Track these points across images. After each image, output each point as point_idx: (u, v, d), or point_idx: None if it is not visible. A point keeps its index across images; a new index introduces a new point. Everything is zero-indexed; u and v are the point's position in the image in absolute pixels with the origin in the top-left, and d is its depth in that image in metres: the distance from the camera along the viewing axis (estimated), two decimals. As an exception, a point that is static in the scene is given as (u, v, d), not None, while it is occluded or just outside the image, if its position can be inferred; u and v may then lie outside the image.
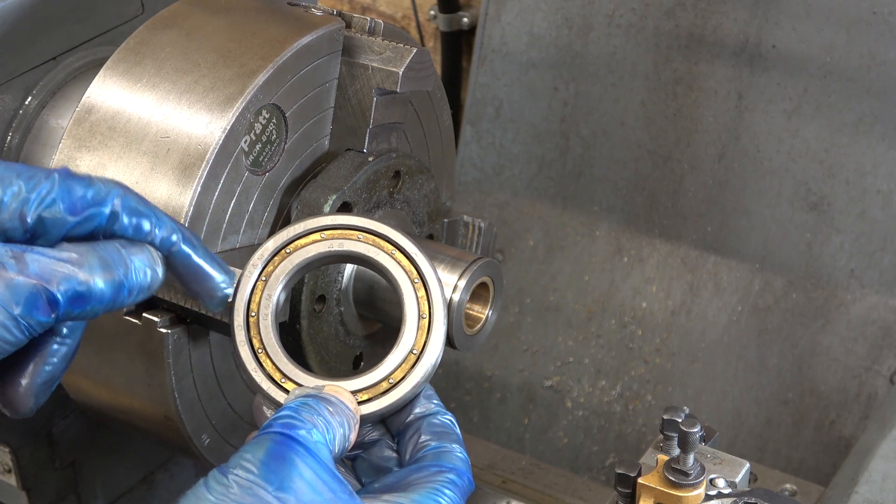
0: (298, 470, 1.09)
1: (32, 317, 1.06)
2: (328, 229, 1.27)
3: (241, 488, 1.07)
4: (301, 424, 1.12)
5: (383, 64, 1.50)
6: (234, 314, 1.24)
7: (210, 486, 1.07)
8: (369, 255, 1.26)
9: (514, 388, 2.48)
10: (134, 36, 1.50)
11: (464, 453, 1.21)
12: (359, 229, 1.27)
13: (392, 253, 1.27)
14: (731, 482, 1.37)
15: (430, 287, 1.26)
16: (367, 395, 1.22)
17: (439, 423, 1.23)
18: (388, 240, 1.27)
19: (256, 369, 1.22)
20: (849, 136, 2.22)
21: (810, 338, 2.28)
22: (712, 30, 2.29)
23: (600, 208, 2.46)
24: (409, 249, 1.27)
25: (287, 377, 1.22)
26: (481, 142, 2.54)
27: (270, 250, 1.26)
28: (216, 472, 1.09)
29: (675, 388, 2.37)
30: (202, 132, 1.39)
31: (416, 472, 1.18)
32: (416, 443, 1.22)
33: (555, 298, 2.48)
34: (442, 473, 1.18)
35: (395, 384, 1.23)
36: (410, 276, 1.26)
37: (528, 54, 2.47)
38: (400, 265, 1.26)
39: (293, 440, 1.11)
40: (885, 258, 2.23)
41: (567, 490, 2.07)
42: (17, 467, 1.74)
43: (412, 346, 1.24)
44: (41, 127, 1.66)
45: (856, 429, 2.22)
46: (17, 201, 1.07)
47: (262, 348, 1.23)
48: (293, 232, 1.27)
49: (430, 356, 1.24)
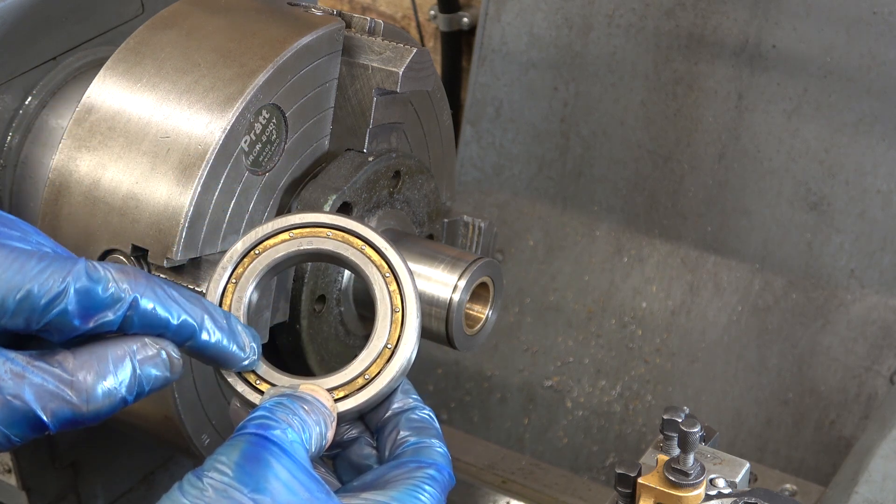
0: (274, 471, 1.08)
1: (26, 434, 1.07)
2: (297, 228, 1.26)
3: (216, 491, 1.06)
4: (276, 424, 1.11)
5: (383, 64, 1.50)
6: None
7: (185, 490, 1.06)
8: (339, 251, 1.25)
9: (514, 388, 2.48)
10: (134, 36, 1.50)
11: (443, 448, 1.20)
12: (327, 226, 1.26)
13: (362, 248, 1.25)
14: (731, 482, 1.37)
15: (401, 280, 1.25)
16: (343, 392, 1.21)
17: (418, 419, 1.22)
18: (357, 235, 1.26)
19: (230, 372, 1.21)
20: (849, 136, 2.22)
21: (810, 338, 2.28)
22: (712, 30, 2.29)
23: (600, 208, 2.46)
24: (378, 244, 1.26)
25: (261, 378, 1.21)
26: (481, 142, 2.54)
27: (239, 252, 1.25)
28: (191, 476, 1.07)
29: (675, 388, 2.37)
30: (202, 132, 1.39)
31: (396, 469, 1.17)
32: (395, 439, 1.21)
33: (555, 298, 2.48)
34: (421, 469, 1.16)
35: (370, 380, 1.21)
36: (381, 270, 1.25)
37: (528, 54, 2.47)
38: (370, 260, 1.25)
39: (268, 440, 1.09)
40: (885, 258, 2.23)
41: (567, 490, 2.07)
42: (17, 467, 1.74)
43: (386, 340, 1.23)
44: (41, 127, 1.66)
45: (856, 429, 2.22)
46: (26, 309, 1.06)
47: None
48: (262, 232, 1.25)
49: (404, 350, 1.22)
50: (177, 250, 1.38)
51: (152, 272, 1.40)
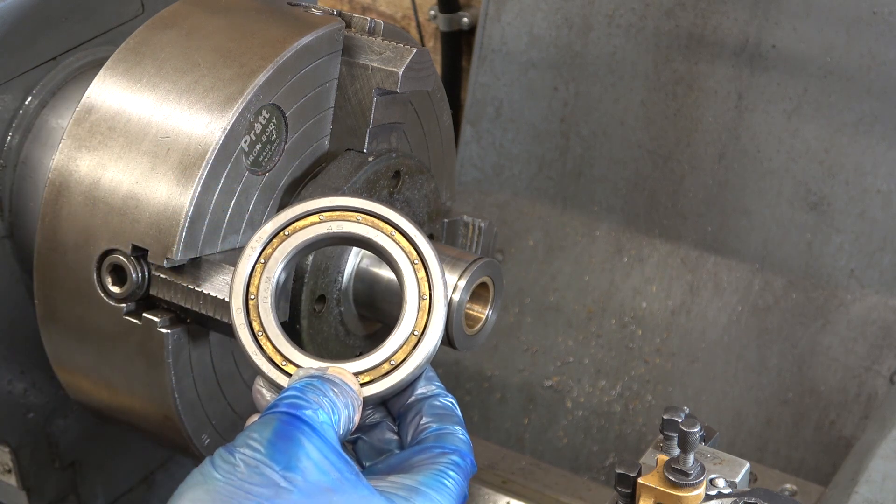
0: (305, 450, 1.09)
1: None
2: (327, 211, 1.26)
3: (248, 467, 1.07)
4: (307, 405, 1.12)
5: (383, 64, 1.50)
6: (233, 297, 1.23)
7: (217, 465, 1.07)
8: (368, 236, 1.26)
9: (514, 388, 2.48)
10: (134, 36, 1.50)
11: (465, 435, 1.21)
12: (358, 210, 1.26)
13: (391, 234, 1.26)
14: (731, 482, 1.37)
15: (430, 268, 1.25)
16: (368, 376, 1.21)
17: (441, 405, 1.23)
18: (388, 221, 1.26)
19: (257, 352, 1.21)
20: (849, 136, 2.22)
21: (810, 338, 2.28)
22: (712, 30, 2.29)
23: (600, 208, 2.46)
24: (409, 231, 1.26)
25: (288, 360, 1.21)
26: (481, 142, 2.54)
27: (269, 232, 1.25)
28: (222, 451, 1.08)
29: (675, 388, 2.37)
30: (202, 132, 1.39)
31: (420, 454, 1.18)
32: (418, 424, 1.21)
33: (555, 298, 2.48)
34: (445, 455, 1.17)
35: (396, 366, 1.22)
36: (410, 257, 1.25)
37: (528, 54, 2.47)
38: (399, 246, 1.25)
39: (300, 420, 1.10)
40: (885, 258, 2.23)
41: (567, 490, 2.07)
42: (17, 467, 1.74)
43: (413, 327, 1.23)
44: (41, 127, 1.66)
45: (856, 429, 2.22)
46: None
47: (262, 331, 1.22)
48: (291, 214, 1.26)
49: (431, 337, 1.23)
50: (177, 250, 1.38)
51: (152, 272, 1.41)
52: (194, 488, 1.07)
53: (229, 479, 1.06)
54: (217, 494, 1.05)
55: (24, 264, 1.67)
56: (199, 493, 1.06)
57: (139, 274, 1.40)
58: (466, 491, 1.17)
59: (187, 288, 1.39)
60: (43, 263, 1.46)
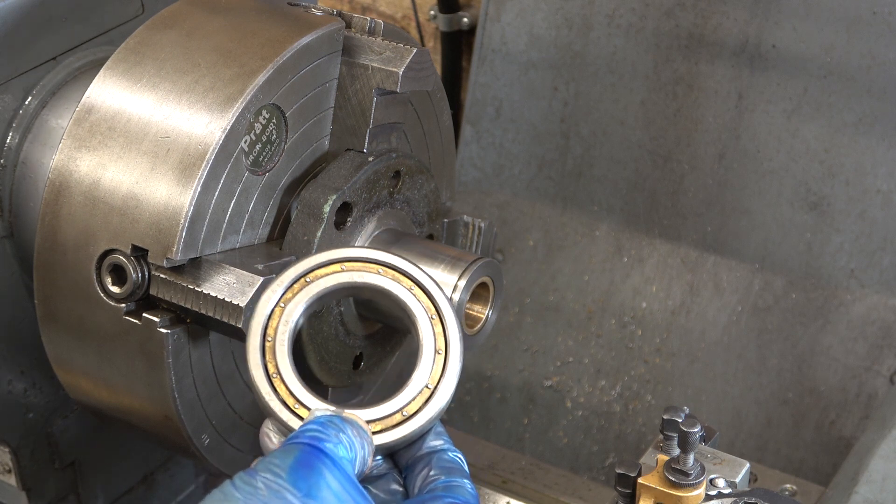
0: (326, 480, 1.10)
1: None
2: (350, 261, 1.29)
3: (270, 490, 1.08)
4: (328, 438, 1.14)
5: (383, 64, 1.50)
6: (251, 337, 1.25)
7: (238, 486, 1.08)
8: (389, 288, 1.28)
9: (514, 388, 2.48)
10: (134, 36, 1.50)
11: (474, 490, 1.22)
12: (379, 263, 1.29)
13: (411, 288, 1.28)
14: (731, 482, 1.37)
15: (447, 323, 1.27)
16: (379, 426, 1.23)
17: (449, 460, 1.24)
18: (408, 275, 1.29)
19: (270, 393, 1.22)
20: (849, 136, 2.22)
21: (810, 338, 2.28)
22: (712, 30, 2.29)
23: (600, 208, 2.46)
24: (428, 286, 1.29)
25: (301, 403, 1.23)
26: (481, 142, 2.54)
27: (291, 277, 1.27)
28: (243, 474, 1.10)
29: (675, 388, 2.37)
30: (202, 132, 1.39)
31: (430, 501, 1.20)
32: (427, 476, 1.23)
33: (555, 298, 2.48)
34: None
35: (408, 417, 1.24)
36: (428, 311, 1.28)
37: (528, 54, 2.47)
38: (418, 300, 1.28)
39: (321, 451, 1.12)
40: (885, 258, 2.23)
41: (567, 490, 2.07)
42: (17, 467, 1.74)
43: (427, 380, 1.25)
44: (41, 127, 1.66)
45: (856, 429, 2.22)
46: None
47: (276, 373, 1.23)
48: (314, 261, 1.28)
49: (444, 391, 1.25)
50: (177, 250, 1.38)
51: (152, 272, 1.41)
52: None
53: (250, 501, 1.07)
54: None
55: (24, 264, 1.67)
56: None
57: (139, 274, 1.40)
58: None
59: (187, 288, 1.39)
60: (43, 263, 1.46)
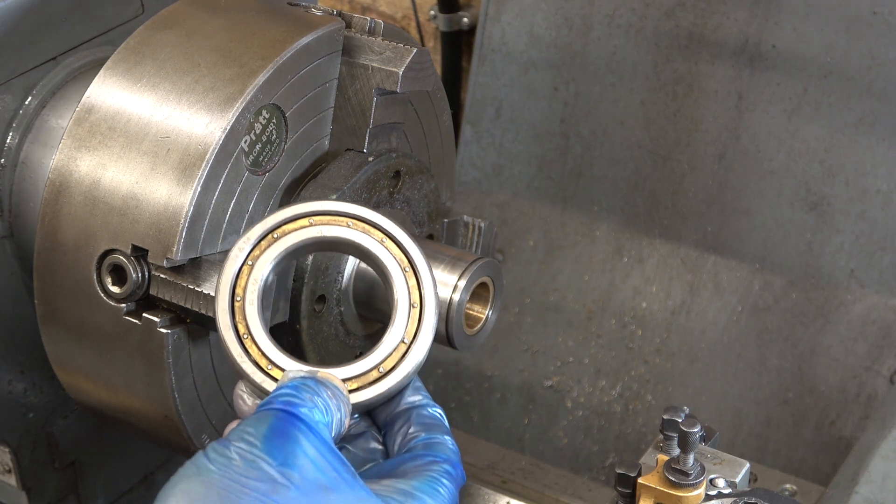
0: (302, 447, 1.07)
1: None
2: (317, 215, 1.24)
3: (245, 461, 1.05)
4: (302, 403, 1.11)
5: (383, 64, 1.50)
6: (219, 298, 1.20)
7: (211, 458, 1.06)
8: (359, 242, 1.24)
9: (514, 388, 2.48)
10: (134, 36, 1.50)
11: (455, 445, 1.20)
12: (348, 216, 1.24)
13: (382, 241, 1.24)
14: (731, 482, 1.37)
15: (421, 276, 1.23)
16: (356, 383, 1.19)
17: (429, 416, 1.21)
18: (378, 227, 1.24)
19: (242, 355, 1.19)
20: (849, 136, 2.22)
21: (810, 338, 2.28)
22: (712, 30, 2.29)
23: (600, 208, 2.46)
24: (400, 238, 1.24)
25: (274, 364, 1.19)
26: (481, 142, 2.54)
27: (257, 234, 1.22)
28: (216, 444, 1.07)
29: (675, 388, 2.37)
30: (202, 132, 1.39)
31: (411, 461, 1.17)
32: (406, 434, 1.20)
33: (555, 298, 2.48)
34: (437, 463, 1.16)
35: (385, 373, 1.20)
36: (401, 264, 1.23)
37: (528, 54, 2.47)
38: (390, 253, 1.23)
39: (296, 417, 1.09)
40: (885, 258, 2.23)
41: (567, 490, 2.07)
42: (17, 467, 1.74)
43: (402, 335, 1.21)
44: (41, 127, 1.66)
45: (856, 429, 2.22)
46: None
47: (247, 334, 1.20)
48: (281, 217, 1.23)
49: (420, 346, 1.21)
50: (177, 250, 1.38)
51: (152, 272, 1.41)
52: (188, 480, 1.06)
53: (225, 472, 1.05)
54: (213, 487, 1.04)
55: (24, 264, 1.67)
56: (194, 485, 1.05)
57: (139, 274, 1.40)
58: (457, 500, 1.17)
59: (187, 288, 1.39)
60: (43, 263, 1.46)
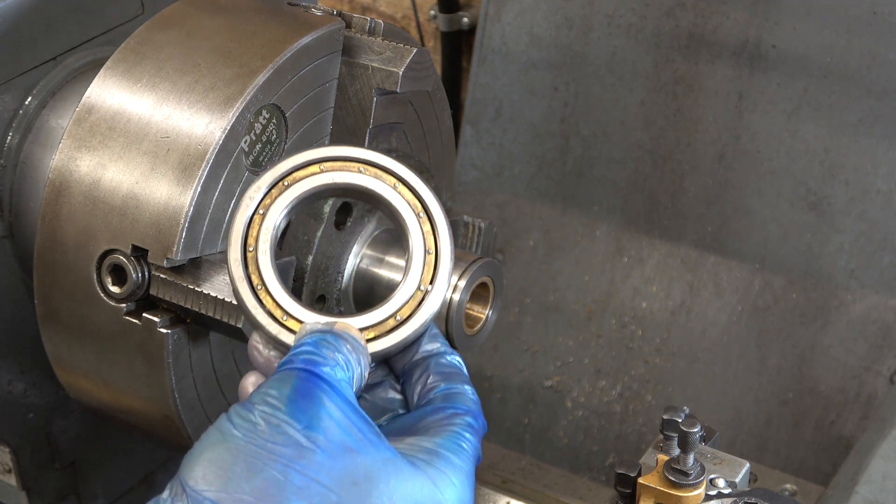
0: (326, 409, 1.05)
1: None
2: (328, 160, 1.20)
3: (270, 425, 1.03)
4: (324, 361, 1.08)
5: (383, 64, 1.50)
6: (230, 249, 1.17)
7: (235, 423, 1.03)
8: (371, 187, 1.20)
9: (514, 388, 2.48)
10: (134, 36, 1.50)
11: (475, 395, 1.16)
12: (360, 161, 1.20)
13: (395, 186, 1.20)
14: (731, 482, 1.37)
15: (435, 221, 1.19)
16: (373, 332, 1.16)
17: (447, 364, 1.18)
18: (391, 172, 1.20)
19: (256, 306, 1.15)
20: (849, 136, 2.22)
21: (810, 338, 2.28)
22: (712, 30, 2.29)
23: (600, 208, 2.46)
24: (413, 182, 1.20)
25: (289, 314, 1.15)
26: (481, 142, 2.54)
27: (268, 182, 1.18)
28: (239, 408, 1.04)
29: (675, 388, 2.37)
30: (202, 132, 1.39)
31: (432, 415, 1.14)
32: (425, 384, 1.17)
33: (555, 298, 2.48)
34: (459, 416, 1.13)
35: (402, 322, 1.17)
36: (415, 209, 1.19)
37: (528, 54, 2.47)
38: (403, 198, 1.20)
39: (318, 377, 1.06)
40: (885, 258, 2.23)
41: (567, 490, 2.07)
42: (17, 467, 1.74)
43: (419, 282, 1.18)
44: (41, 127, 1.66)
45: (856, 429, 2.22)
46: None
47: (260, 284, 1.16)
48: (291, 163, 1.19)
49: (437, 292, 1.18)
50: (177, 250, 1.38)
51: (152, 272, 1.41)
52: (214, 447, 1.03)
53: (251, 439, 1.02)
54: (239, 454, 1.02)
55: (24, 264, 1.67)
56: (220, 453, 1.03)
57: (139, 274, 1.40)
58: (480, 452, 1.14)
59: (187, 288, 1.39)
60: (43, 263, 1.46)
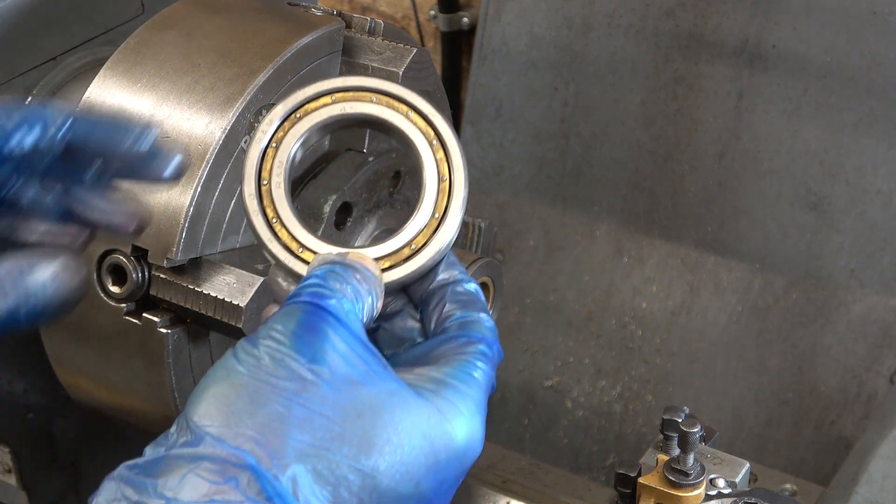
0: (332, 342, 1.04)
1: None
2: (339, 91, 1.19)
3: (273, 360, 1.02)
4: (330, 293, 1.07)
5: (383, 64, 1.50)
6: (245, 183, 1.17)
7: (240, 358, 1.03)
8: (384, 116, 1.19)
9: (514, 388, 2.48)
10: (134, 36, 1.50)
11: (490, 322, 1.16)
12: (372, 90, 1.20)
13: (407, 114, 1.19)
14: (731, 482, 1.37)
15: (448, 148, 1.18)
16: (389, 262, 1.15)
17: (464, 291, 1.17)
18: (403, 100, 1.20)
19: (272, 239, 1.15)
20: (849, 136, 2.22)
21: (810, 338, 2.28)
22: (712, 30, 2.29)
23: (600, 208, 2.46)
24: (425, 110, 1.19)
25: (305, 246, 1.15)
26: (481, 142, 2.54)
27: (280, 115, 1.18)
28: (245, 343, 1.04)
29: (675, 388, 2.37)
30: (202, 132, 1.39)
31: (445, 344, 1.13)
32: (442, 312, 1.16)
33: (555, 298, 2.48)
34: (472, 344, 1.13)
35: (417, 250, 1.16)
36: (427, 137, 1.19)
37: (528, 54, 2.47)
38: (416, 126, 1.19)
39: (324, 310, 1.06)
40: (885, 258, 2.23)
41: (567, 490, 2.07)
42: (17, 467, 1.74)
43: (433, 210, 1.17)
44: (41, 127, 1.66)
45: (856, 429, 2.22)
46: None
47: (276, 218, 1.16)
48: (302, 95, 1.19)
49: (452, 220, 1.17)
50: (177, 250, 1.38)
51: (152, 272, 1.41)
52: (218, 383, 1.02)
53: (254, 374, 1.02)
54: (243, 389, 1.01)
55: (24, 264, 1.66)
56: (224, 389, 1.02)
57: (139, 274, 1.40)
58: (494, 381, 1.13)
59: (187, 288, 1.39)
60: (43, 263, 1.46)
